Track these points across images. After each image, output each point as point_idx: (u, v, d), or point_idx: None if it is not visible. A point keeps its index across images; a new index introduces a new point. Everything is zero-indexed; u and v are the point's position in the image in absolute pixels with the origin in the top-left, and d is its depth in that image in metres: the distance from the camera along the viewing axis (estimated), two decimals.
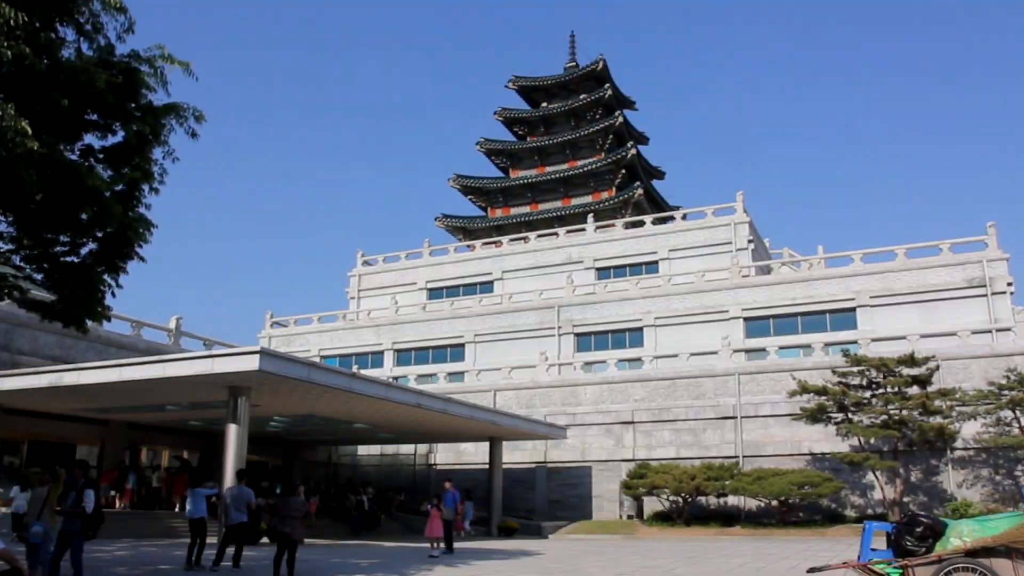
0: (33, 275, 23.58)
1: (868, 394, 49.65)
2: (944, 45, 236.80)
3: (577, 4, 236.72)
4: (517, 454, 61.16)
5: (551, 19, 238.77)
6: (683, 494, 51.84)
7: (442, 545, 34.21)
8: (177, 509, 44.78)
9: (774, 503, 50.40)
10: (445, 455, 65.11)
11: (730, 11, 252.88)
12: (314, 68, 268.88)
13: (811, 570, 15.81)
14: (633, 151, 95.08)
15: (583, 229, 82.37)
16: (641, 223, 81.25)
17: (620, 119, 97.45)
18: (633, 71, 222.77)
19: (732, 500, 54.17)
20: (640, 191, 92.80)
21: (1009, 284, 60.25)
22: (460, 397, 53.07)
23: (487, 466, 57.14)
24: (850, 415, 49.66)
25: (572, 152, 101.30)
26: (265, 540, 32.87)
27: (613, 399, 60.38)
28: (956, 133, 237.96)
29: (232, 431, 32.91)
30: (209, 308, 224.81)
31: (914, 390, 48.71)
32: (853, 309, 63.76)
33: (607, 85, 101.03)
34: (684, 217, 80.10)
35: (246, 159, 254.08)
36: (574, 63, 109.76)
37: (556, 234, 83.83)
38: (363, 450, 66.84)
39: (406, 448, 65.75)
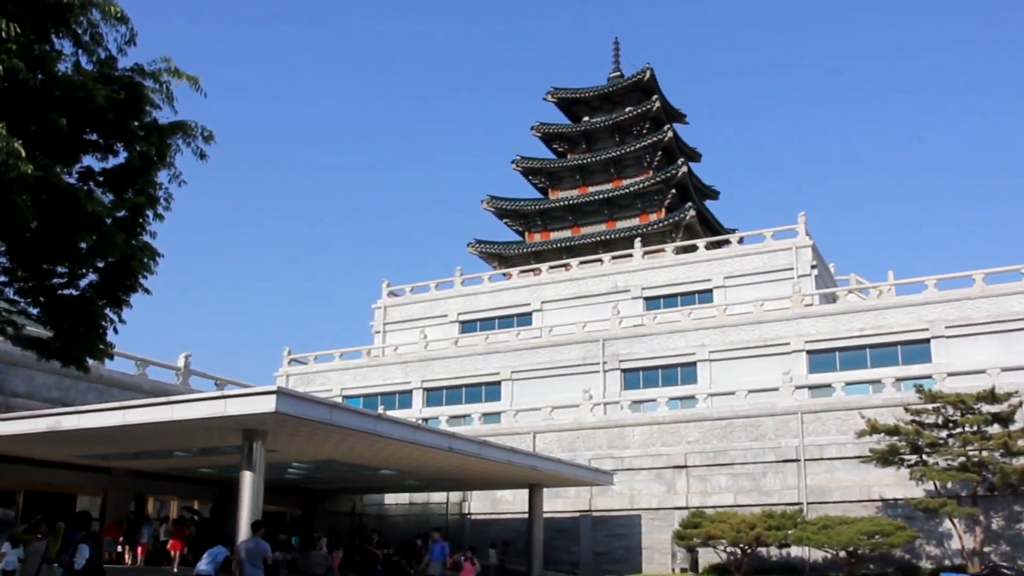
0: (28, 309, 23.67)
1: (944, 434, 49.16)
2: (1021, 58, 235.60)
3: (621, 9, 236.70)
4: (559, 502, 60.87)
5: (593, 26, 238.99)
6: (742, 545, 51.44)
7: None
8: (176, 568, 44.47)
9: (842, 554, 49.91)
10: (480, 503, 64.86)
11: (789, 15, 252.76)
12: (335, 81, 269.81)
13: None
14: (684, 169, 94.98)
15: (630, 255, 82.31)
16: (693, 248, 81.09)
17: (669, 134, 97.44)
18: (683, 81, 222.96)
19: (795, 551, 53.73)
20: (692, 213, 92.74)
21: None
22: (496, 440, 52.87)
23: (526, 515, 56.74)
24: (925, 457, 49.18)
25: (617, 170, 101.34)
26: None
27: (664, 441, 60.09)
28: None
29: (247, 479, 32.84)
30: (221, 345, 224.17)
31: (995, 429, 48.13)
32: (927, 340, 63.37)
33: (655, 97, 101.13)
34: (741, 241, 79.96)
35: (259, 179, 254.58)
36: (618, 73, 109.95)
37: (600, 260, 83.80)
38: (390, 499, 66.69)
39: (437, 496, 65.51)
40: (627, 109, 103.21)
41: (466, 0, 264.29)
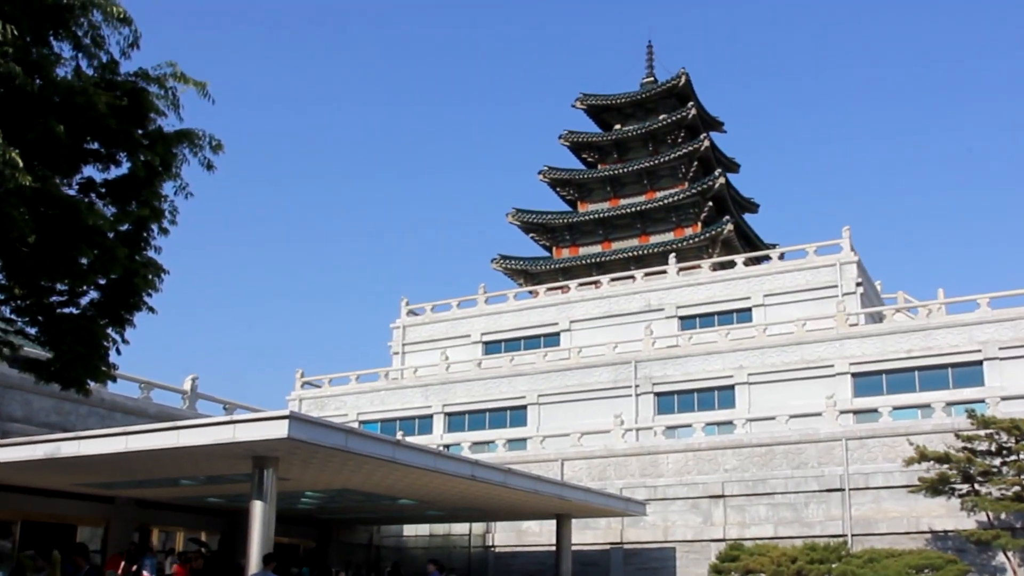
0: (26, 329, 23.65)
1: (998, 461, 48.77)
2: None
3: (655, 10, 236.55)
4: (588, 534, 60.67)
5: (624, 28, 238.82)
6: None
7: None
8: None
9: None
10: (505, 535, 64.69)
11: (832, 18, 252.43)
12: (352, 88, 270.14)
13: None
14: (722, 180, 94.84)
15: (664, 271, 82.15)
16: (731, 264, 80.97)
17: (706, 143, 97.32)
18: (720, 87, 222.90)
19: None
20: (730, 226, 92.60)
21: None
22: (522, 468, 52.77)
23: (553, 548, 56.53)
24: (977, 486, 48.86)
25: (650, 182, 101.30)
26: None
27: (700, 469, 59.88)
28: None
29: (257, 509, 32.80)
30: (230, 367, 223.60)
31: None
32: (979, 362, 63.07)
33: (690, 103, 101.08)
34: (782, 257, 79.67)
35: (271, 192, 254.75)
36: (652, 78, 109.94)
37: (632, 277, 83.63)
38: (409, 530, 66.63)
39: (459, 528, 65.40)
40: (661, 117, 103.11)
41: (491, 5, 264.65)
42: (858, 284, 72.72)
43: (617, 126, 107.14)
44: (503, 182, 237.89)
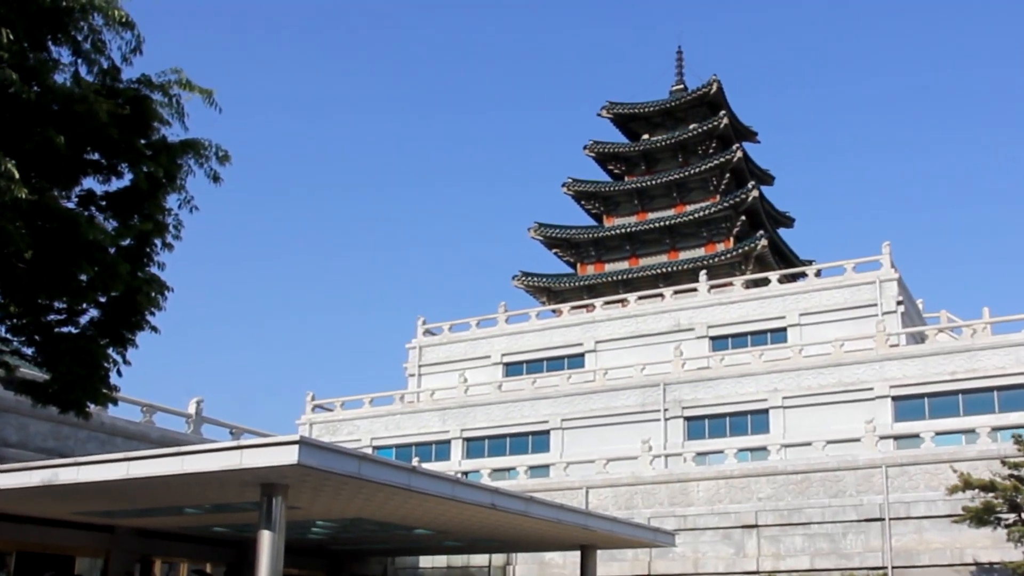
0: (22, 349, 23.61)
1: None
2: None
3: (684, 15, 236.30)
4: (615, 566, 60.49)
5: (653, 33, 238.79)
6: None
7: None
8: None
9: None
10: (526, 567, 64.51)
11: (872, 24, 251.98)
12: (365, 96, 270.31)
13: None
14: (755, 193, 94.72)
15: (694, 289, 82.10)
16: (765, 281, 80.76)
17: (739, 154, 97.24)
18: (754, 95, 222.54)
19: None
20: (764, 242, 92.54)
21: None
22: (544, 496, 52.58)
23: None
24: None
25: (680, 195, 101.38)
26: None
27: (732, 498, 59.73)
28: None
29: (265, 539, 32.70)
30: (237, 389, 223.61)
31: None
32: None
33: (722, 112, 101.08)
34: (818, 274, 79.64)
35: (280, 205, 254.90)
36: (682, 86, 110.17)
37: (661, 295, 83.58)
38: (425, 561, 66.47)
39: (478, 559, 65.29)
40: (691, 126, 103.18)
41: (511, 8, 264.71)
42: (899, 303, 72.55)
43: (645, 136, 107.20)
44: (525, 195, 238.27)
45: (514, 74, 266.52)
